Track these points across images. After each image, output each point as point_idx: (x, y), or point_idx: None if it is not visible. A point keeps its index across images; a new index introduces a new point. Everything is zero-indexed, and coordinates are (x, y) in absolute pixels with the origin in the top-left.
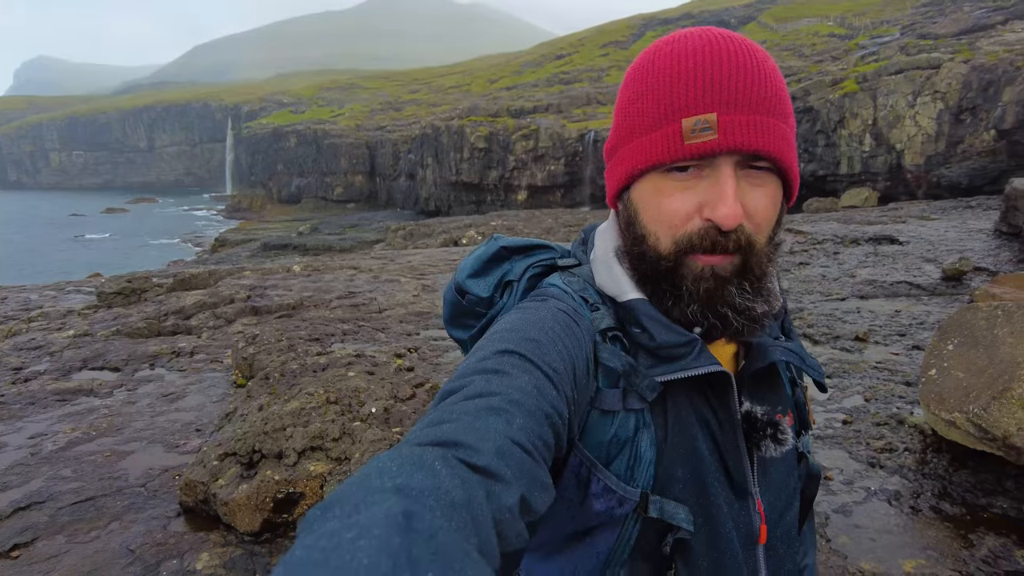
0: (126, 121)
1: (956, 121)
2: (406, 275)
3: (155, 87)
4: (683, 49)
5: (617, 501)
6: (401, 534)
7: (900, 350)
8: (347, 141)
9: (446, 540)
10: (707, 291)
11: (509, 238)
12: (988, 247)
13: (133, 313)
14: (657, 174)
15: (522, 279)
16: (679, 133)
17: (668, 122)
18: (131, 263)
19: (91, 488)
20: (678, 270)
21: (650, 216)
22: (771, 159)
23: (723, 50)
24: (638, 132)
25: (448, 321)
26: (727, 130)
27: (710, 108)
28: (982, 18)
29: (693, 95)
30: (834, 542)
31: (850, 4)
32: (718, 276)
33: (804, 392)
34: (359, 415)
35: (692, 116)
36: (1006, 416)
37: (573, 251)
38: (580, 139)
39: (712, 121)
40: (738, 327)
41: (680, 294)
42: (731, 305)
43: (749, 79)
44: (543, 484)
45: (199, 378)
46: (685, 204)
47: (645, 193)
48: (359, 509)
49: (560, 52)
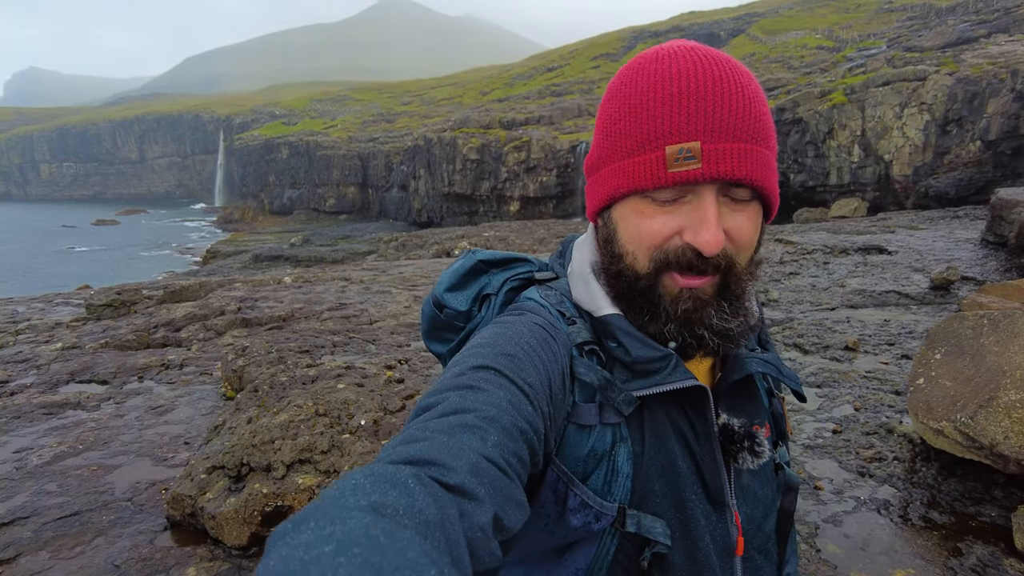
0: (117, 132)
1: (942, 132)
2: (398, 286)
3: (146, 98)
4: (667, 71)
5: (594, 516)
6: (380, 552)
7: (889, 359)
8: (339, 152)
9: (422, 560)
10: (685, 312)
11: (486, 251)
12: (975, 256)
13: (122, 325)
14: (638, 196)
15: (500, 293)
16: (662, 160)
17: (651, 148)
18: (121, 275)
19: (76, 503)
20: (655, 288)
21: (629, 236)
22: (753, 187)
23: (708, 75)
24: (620, 154)
25: (426, 335)
26: (710, 159)
27: (694, 136)
28: (966, 31)
29: (677, 122)
30: (824, 552)
31: (837, 17)
32: (697, 298)
33: (781, 403)
34: (348, 427)
35: (676, 144)
36: (993, 424)
37: (551, 264)
38: (572, 150)
39: (696, 149)
40: (714, 346)
41: (657, 312)
42: (708, 326)
43: (733, 106)
44: (517, 502)
45: (188, 391)
46: (665, 226)
47: (626, 213)
48: (334, 523)
49: (551, 64)
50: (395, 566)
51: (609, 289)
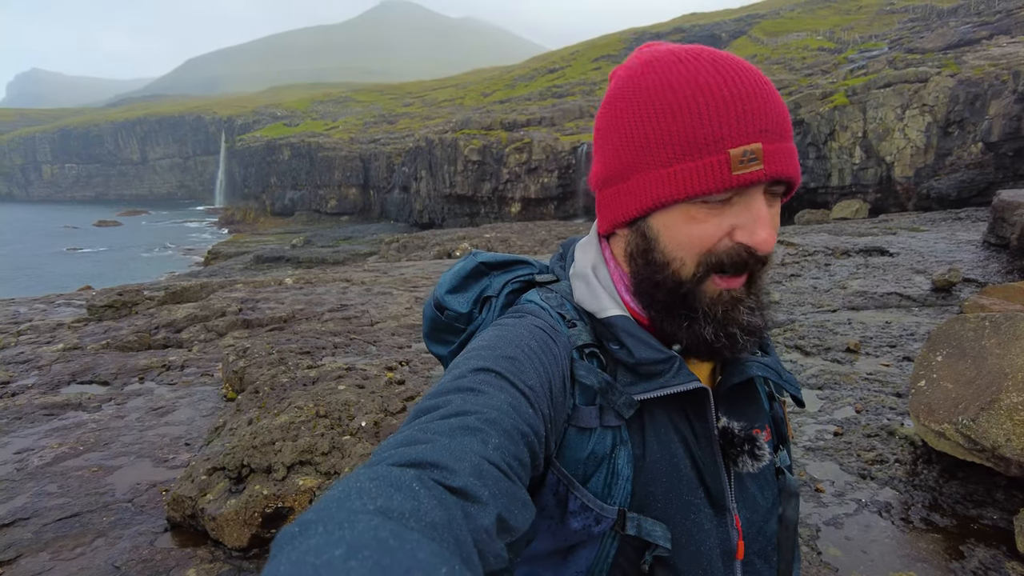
0: (119, 134)
1: (944, 134)
2: (399, 287)
3: (148, 100)
4: (708, 74)
5: (594, 519)
6: (391, 554)
7: (891, 361)
8: (341, 154)
9: (433, 560)
10: (724, 312)
11: (488, 254)
12: (977, 258)
13: (124, 326)
14: (689, 203)
15: (500, 295)
16: (727, 163)
17: (713, 151)
18: (123, 276)
19: (77, 504)
20: (696, 293)
21: (677, 242)
22: (795, 184)
23: (750, 77)
24: (662, 160)
25: (427, 336)
26: (770, 159)
27: (755, 138)
28: (968, 33)
29: (738, 125)
30: (825, 554)
31: (839, 19)
32: (733, 297)
33: (782, 407)
34: (349, 429)
35: (740, 146)
36: (995, 427)
37: (551, 267)
38: (573, 152)
39: (758, 151)
40: (742, 344)
41: (696, 316)
42: (740, 324)
43: (776, 105)
44: (522, 502)
45: (189, 392)
46: (718, 229)
47: (672, 221)
48: (343, 527)
49: (552, 66)
50: (406, 568)
51: (644, 299)
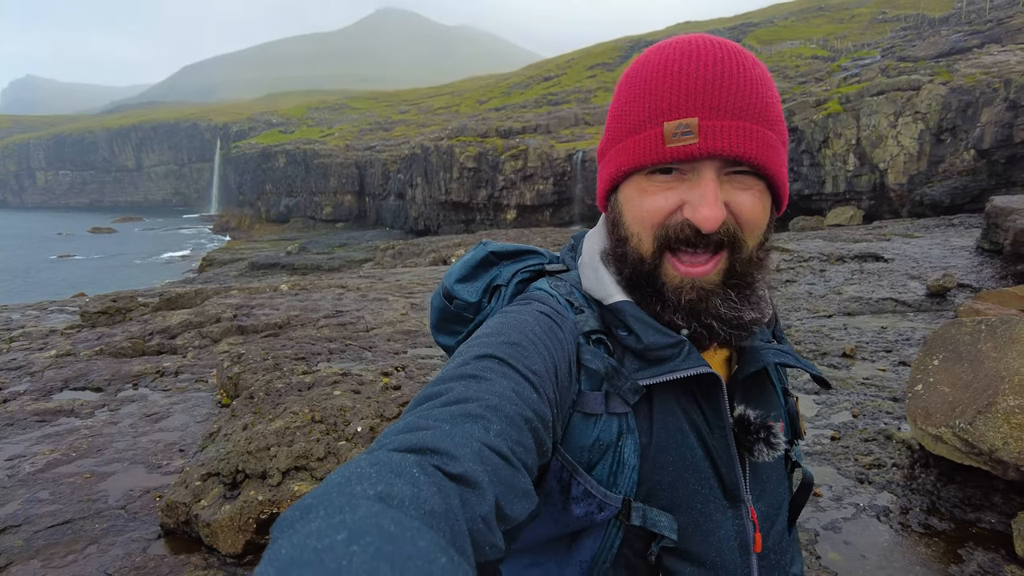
0: (114, 140)
1: (937, 141)
2: (394, 294)
3: (143, 107)
4: (671, 54)
5: (597, 506)
6: (392, 542)
7: (887, 366)
8: (336, 161)
9: (433, 549)
10: (689, 302)
11: (498, 243)
12: (971, 264)
13: (117, 332)
14: (641, 175)
15: (510, 284)
16: (660, 136)
17: (651, 125)
18: (116, 282)
19: (69, 511)
20: (657, 273)
21: (633, 215)
22: (753, 164)
23: (708, 55)
24: (624, 134)
25: (435, 327)
26: (708, 134)
27: (691, 112)
28: (959, 42)
29: (675, 99)
30: (824, 559)
31: (832, 27)
32: (701, 288)
33: (796, 402)
34: (344, 434)
35: (674, 120)
36: (992, 430)
37: (562, 257)
38: (568, 159)
39: (693, 125)
40: (725, 336)
41: (664, 300)
42: (716, 315)
43: (733, 84)
44: (523, 491)
45: (183, 398)
46: (667, 202)
47: (630, 193)
48: (343, 512)
49: (548, 74)
50: (407, 555)
51: (618, 276)
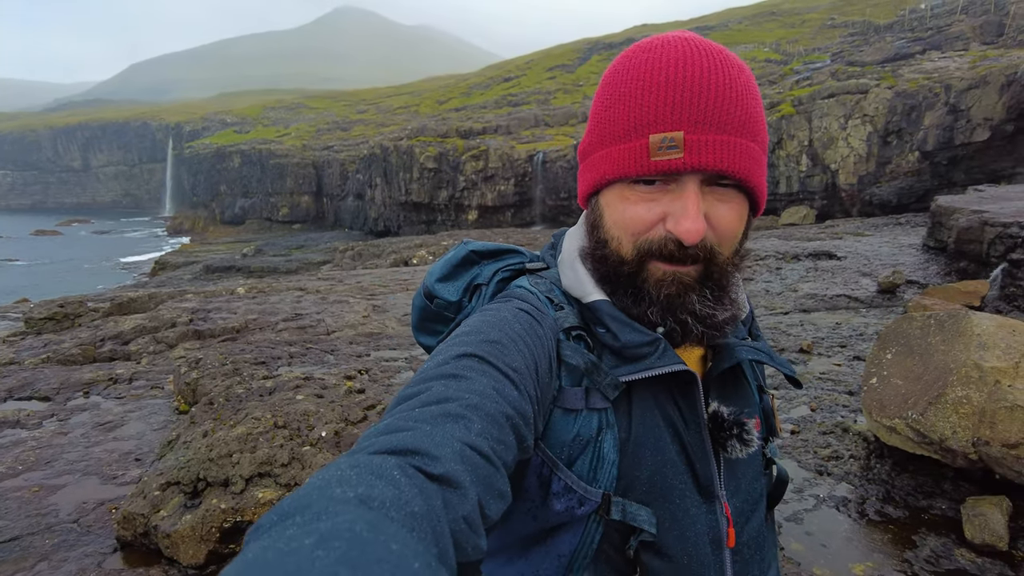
0: (58, 139)
1: (884, 143)
2: (355, 296)
3: (90, 105)
4: (657, 60)
5: (577, 501)
6: (361, 546)
7: (842, 361)
8: (293, 161)
9: (406, 553)
10: (668, 296)
11: (479, 242)
12: (918, 261)
13: (66, 339)
14: (624, 184)
15: (491, 283)
16: (646, 148)
17: (636, 136)
18: (63, 288)
19: (16, 527)
20: (640, 274)
21: (614, 221)
22: (736, 179)
23: (695, 64)
24: (608, 140)
25: (416, 327)
26: (693, 149)
27: (677, 126)
28: (903, 48)
29: (661, 111)
30: (788, 549)
31: (784, 31)
32: (680, 283)
33: (771, 399)
34: (309, 439)
35: (659, 133)
36: (941, 420)
37: (542, 255)
38: (529, 160)
39: (679, 139)
40: (698, 333)
41: (641, 296)
42: (691, 312)
43: (720, 97)
44: (499, 492)
45: (139, 405)
46: (649, 213)
47: (611, 199)
48: (320, 518)
49: (508, 75)
50: (375, 559)
51: (595, 273)
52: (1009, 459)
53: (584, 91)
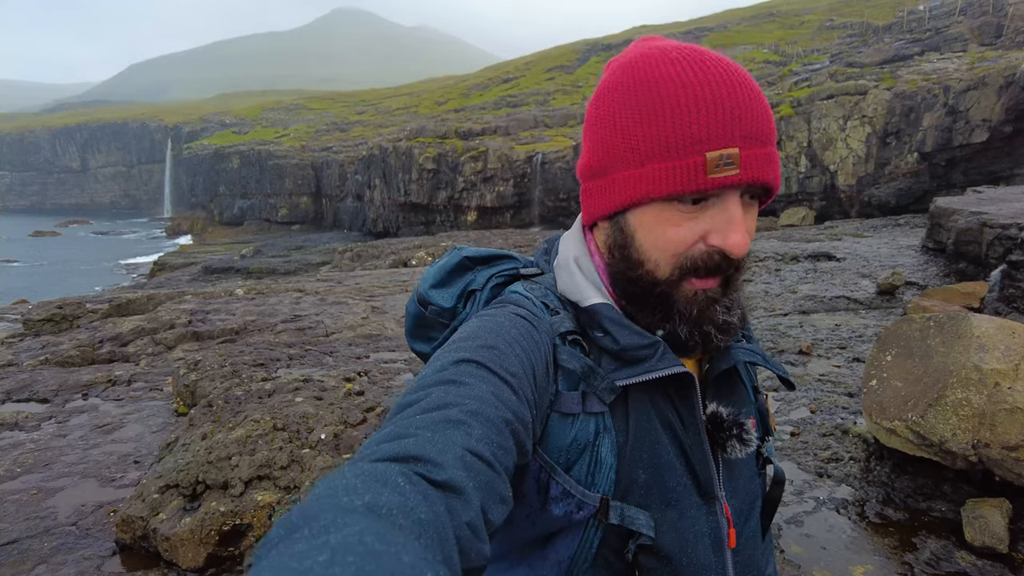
0: (57, 140)
1: (883, 144)
2: (354, 297)
3: (88, 105)
4: (694, 76)
5: (576, 505)
6: (375, 559)
7: (841, 362)
8: (292, 162)
9: (418, 563)
10: (699, 312)
11: (473, 248)
12: (917, 262)
13: (64, 341)
14: (661, 203)
15: (485, 289)
16: (703, 166)
17: (690, 154)
18: (62, 289)
19: (14, 530)
20: (673, 294)
21: (652, 243)
22: (773, 189)
23: (735, 81)
24: (641, 158)
25: (410, 333)
26: (748, 165)
27: (732, 142)
28: (902, 49)
29: (716, 128)
30: (787, 552)
31: (783, 32)
32: (709, 298)
33: (766, 399)
34: (308, 442)
35: (716, 150)
36: (941, 422)
37: (537, 260)
38: (528, 161)
39: (735, 156)
40: (717, 342)
41: (670, 313)
42: (715, 323)
43: (761, 111)
44: (501, 497)
45: (137, 407)
46: (692, 232)
47: (647, 219)
48: (329, 531)
49: (507, 76)
50: (390, 572)
51: (622, 293)
52: (1009, 461)
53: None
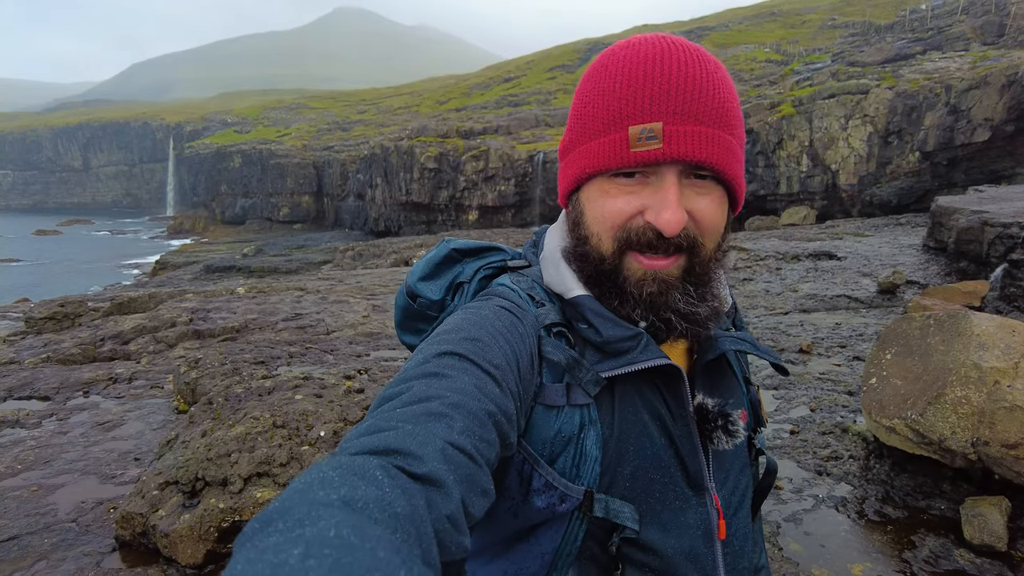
0: (59, 139)
1: (884, 143)
2: (355, 296)
3: (90, 105)
4: (635, 56)
5: (558, 498)
6: (350, 553)
7: (842, 361)
8: (293, 161)
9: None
10: (651, 295)
11: (460, 240)
12: (918, 261)
13: (66, 339)
14: (604, 178)
15: (473, 281)
16: (625, 140)
17: (615, 128)
18: (64, 288)
19: (15, 526)
20: (619, 271)
21: (594, 216)
22: (714, 170)
23: (673, 59)
24: (588, 135)
25: (399, 326)
26: (672, 140)
27: (656, 117)
28: (903, 48)
29: (640, 103)
30: (786, 550)
31: (784, 32)
32: (662, 281)
33: (757, 391)
34: (307, 439)
35: (638, 124)
36: (940, 421)
37: (524, 253)
38: (530, 160)
39: (658, 130)
40: (682, 330)
41: (624, 296)
42: (675, 310)
43: (697, 90)
44: (482, 490)
45: (138, 405)
46: (628, 205)
47: (592, 195)
48: (303, 524)
49: (508, 75)
50: (365, 567)
51: (579, 273)
52: (1008, 459)
53: None
